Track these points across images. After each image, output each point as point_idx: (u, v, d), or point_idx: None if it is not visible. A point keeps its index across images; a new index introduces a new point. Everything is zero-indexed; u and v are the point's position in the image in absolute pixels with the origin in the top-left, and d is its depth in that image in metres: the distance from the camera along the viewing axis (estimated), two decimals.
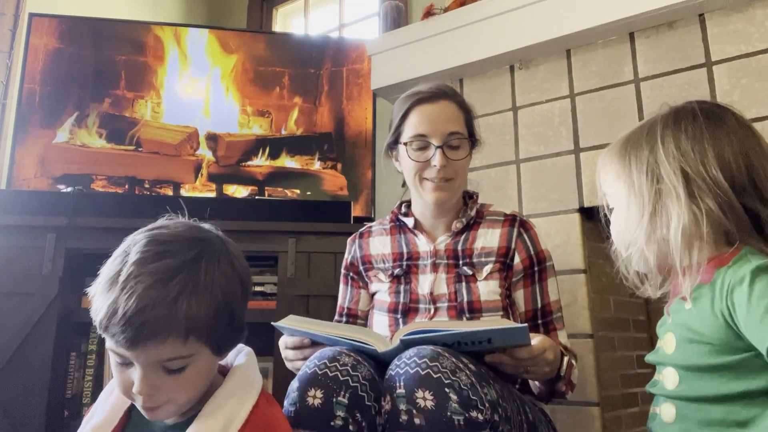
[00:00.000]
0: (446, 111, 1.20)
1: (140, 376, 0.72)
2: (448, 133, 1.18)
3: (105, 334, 0.73)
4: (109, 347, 0.74)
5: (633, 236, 0.82)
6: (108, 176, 2.08)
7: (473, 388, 0.85)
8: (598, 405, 1.47)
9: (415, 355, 0.88)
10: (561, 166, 1.64)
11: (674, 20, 1.53)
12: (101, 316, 0.71)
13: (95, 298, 0.74)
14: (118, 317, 0.69)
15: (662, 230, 0.78)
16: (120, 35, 2.18)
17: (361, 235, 1.34)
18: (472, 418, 0.83)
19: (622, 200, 0.85)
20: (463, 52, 1.80)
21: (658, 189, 0.79)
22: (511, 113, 1.75)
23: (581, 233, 1.57)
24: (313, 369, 0.93)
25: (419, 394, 0.84)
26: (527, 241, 1.21)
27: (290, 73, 2.26)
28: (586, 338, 1.51)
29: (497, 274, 1.18)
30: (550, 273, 1.23)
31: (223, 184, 2.16)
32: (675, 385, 0.78)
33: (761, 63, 1.40)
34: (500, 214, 1.25)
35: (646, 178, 0.81)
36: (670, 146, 0.80)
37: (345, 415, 0.89)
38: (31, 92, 2.07)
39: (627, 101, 1.56)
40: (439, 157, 1.17)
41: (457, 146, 1.19)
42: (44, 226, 1.73)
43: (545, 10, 1.65)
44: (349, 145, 2.23)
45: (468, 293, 1.17)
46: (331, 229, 1.83)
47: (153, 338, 0.70)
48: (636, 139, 0.85)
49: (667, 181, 0.78)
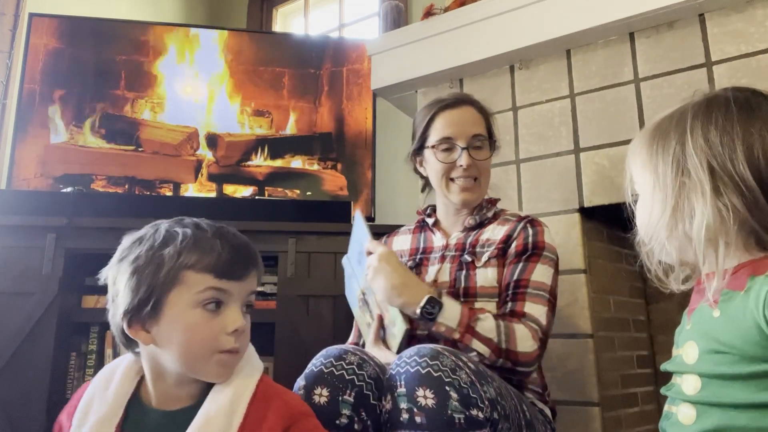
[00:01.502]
0: (469, 115, 1.29)
1: (237, 312, 0.80)
2: (472, 135, 1.26)
3: (207, 275, 0.78)
4: (209, 287, 0.78)
5: (655, 228, 0.78)
6: (108, 176, 2.08)
7: (473, 386, 0.85)
8: (598, 405, 1.47)
9: (416, 354, 0.89)
10: (561, 166, 1.64)
11: (674, 20, 1.53)
12: (210, 260, 0.78)
13: (170, 258, 0.79)
14: (228, 251, 0.80)
15: (685, 225, 0.74)
16: (120, 35, 2.18)
17: (389, 235, 1.43)
18: (473, 416, 0.83)
19: (647, 190, 0.81)
20: (463, 52, 1.80)
21: (683, 182, 0.75)
22: (511, 113, 1.75)
23: (581, 233, 1.57)
24: (319, 367, 0.95)
25: (420, 392, 0.84)
26: (529, 231, 1.22)
27: (290, 73, 2.26)
28: (586, 338, 1.51)
29: (495, 261, 1.20)
30: (544, 260, 1.19)
31: (223, 184, 2.16)
32: (696, 390, 0.73)
33: (761, 63, 1.40)
34: (515, 216, 1.28)
35: (671, 170, 0.76)
36: (698, 138, 0.75)
37: (350, 413, 0.91)
38: (31, 92, 2.07)
39: (627, 101, 1.56)
40: (465, 157, 1.24)
41: (480, 147, 1.27)
42: (44, 226, 1.73)
43: (545, 10, 1.65)
44: (349, 145, 2.23)
45: (466, 280, 1.20)
46: (331, 229, 1.83)
47: (255, 267, 0.84)
48: (665, 128, 0.80)
49: (693, 175, 0.73)
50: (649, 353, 1.83)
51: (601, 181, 1.56)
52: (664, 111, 0.83)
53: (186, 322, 0.77)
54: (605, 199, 1.54)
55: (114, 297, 0.81)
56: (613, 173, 1.54)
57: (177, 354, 0.77)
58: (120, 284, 0.79)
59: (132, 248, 0.80)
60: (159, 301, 0.77)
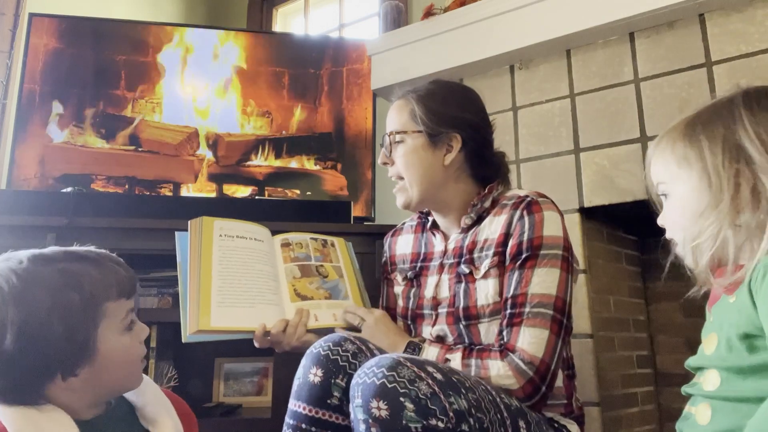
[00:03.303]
0: (393, 112, 1.24)
1: (138, 321, 0.85)
2: (387, 133, 1.22)
3: (121, 300, 0.81)
4: (128, 310, 0.82)
5: (709, 221, 0.74)
6: (108, 176, 2.08)
7: (434, 397, 0.84)
8: (598, 405, 1.47)
9: (375, 365, 0.88)
10: (561, 166, 1.64)
11: (674, 20, 1.53)
12: (120, 285, 0.81)
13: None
14: (124, 270, 0.83)
15: (746, 214, 0.72)
16: (120, 35, 2.18)
17: (393, 234, 1.36)
18: (431, 425, 0.82)
19: (688, 186, 0.78)
20: (463, 52, 1.80)
21: (739, 170, 0.73)
22: (511, 113, 1.75)
23: (581, 233, 1.57)
24: (318, 350, 1.00)
25: (374, 404, 0.84)
26: (525, 225, 1.08)
27: (290, 73, 2.26)
28: (586, 338, 1.51)
29: (495, 270, 1.09)
30: (544, 261, 1.05)
31: (223, 184, 2.16)
32: (716, 386, 0.74)
33: (761, 63, 1.40)
34: (513, 197, 1.14)
35: (724, 158, 0.74)
36: (752, 124, 0.74)
37: (341, 396, 0.96)
38: (31, 92, 2.07)
39: (627, 101, 1.56)
40: (380, 156, 1.23)
41: (400, 141, 1.20)
42: (44, 226, 1.73)
43: (545, 10, 1.65)
44: (349, 145, 2.23)
45: (465, 297, 1.12)
46: (331, 229, 1.82)
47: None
48: (707, 119, 0.78)
49: (757, 158, 0.72)
50: (649, 353, 1.83)
51: (601, 181, 1.56)
52: (689, 111, 0.82)
53: (119, 348, 0.80)
54: (605, 199, 1.54)
55: (15, 359, 0.72)
56: (613, 173, 1.54)
57: (119, 377, 0.81)
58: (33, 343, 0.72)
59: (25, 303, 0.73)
60: (87, 341, 0.76)
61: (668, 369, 1.81)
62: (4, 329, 0.72)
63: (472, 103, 1.23)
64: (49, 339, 0.73)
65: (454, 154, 1.17)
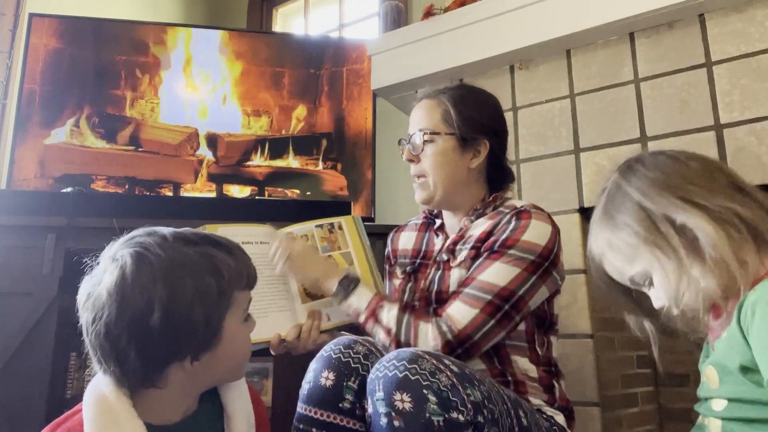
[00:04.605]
0: (421, 111, 1.24)
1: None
2: (416, 130, 1.22)
3: (245, 291, 0.83)
4: (248, 300, 0.83)
5: (683, 287, 0.77)
6: (108, 176, 2.08)
7: (454, 389, 0.85)
8: (597, 405, 1.46)
9: (395, 358, 0.89)
10: (561, 166, 1.64)
11: (674, 20, 1.53)
12: (247, 275, 0.82)
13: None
14: (250, 261, 0.84)
15: (709, 255, 0.75)
16: (120, 35, 2.18)
17: (397, 230, 1.39)
18: (453, 418, 0.83)
19: (654, 264, 0.80)
20: (463, 52, 1.80)
21: (665, 232, 0.78)
22: (511, 113, 1.75)
23: (581, 233, 1.57)
24: (328, 353, 1.00)
25: (397, 396, 0.84)
26: (509, 228, 1.10)
27: (290, 74, 2.26)
28: (586, 338, 1.51)
29: (471, 262, 1.12)
30: (509, 259, 1.07)
31: (223, 184, 2.16)
32: (722, 408, 0.77)
33: (761, 63, 1.40)
34: (511, 207, 1.17)
35: (650, 231, 0.79)
36: (638, 191, 0.81)
37: (353, 399, 0.96)
38: (31, 92, 2.07)
39: (627, 101, 1.56)
40: (405, 153, 1.23)
41: (429, 141, 1.20)
42: (44, 226, 1.73)
43: (545, 10, 1.65)
44: (349, 145, 2.23)
45: (439, 282, 1.16)
46: None
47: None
48: (609, 215, 0.84)
49: (661, 211, 0.78)
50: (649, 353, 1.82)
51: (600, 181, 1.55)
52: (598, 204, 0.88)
53: (240, 338, 0.81)
54: None
55: (146, 342, 0.73)
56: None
57: (231, 367, 0.82)
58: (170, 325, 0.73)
59: (173, 279, 0.74)
60: (218, 327, 0.78)
61: (668, 369, 1.81)
62: (152, 305, 0.72)
63: (498, 111, 1.28)
64: (190, 321, 0.74)
65: (480, 159, 1.21)
